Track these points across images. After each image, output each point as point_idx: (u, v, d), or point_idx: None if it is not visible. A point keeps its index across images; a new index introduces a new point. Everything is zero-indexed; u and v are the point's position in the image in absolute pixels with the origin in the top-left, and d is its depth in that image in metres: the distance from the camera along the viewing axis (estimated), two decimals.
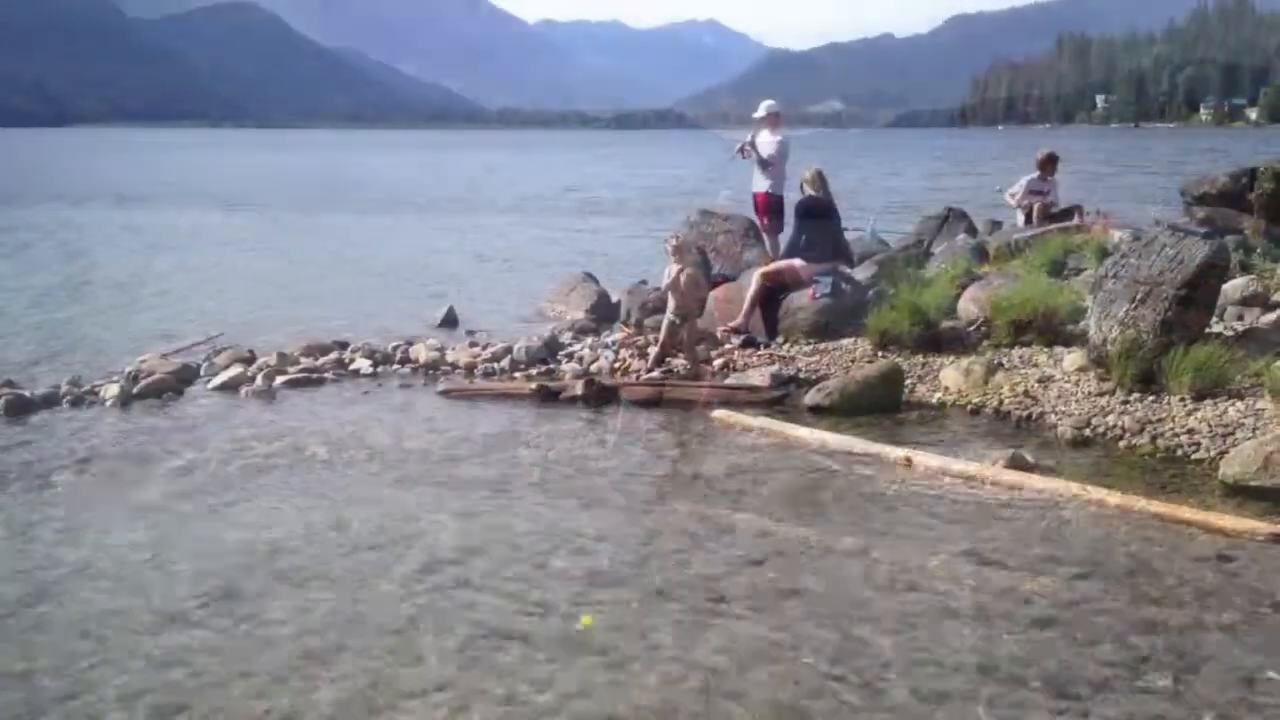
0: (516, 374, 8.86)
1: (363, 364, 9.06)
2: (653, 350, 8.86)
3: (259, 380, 8.49)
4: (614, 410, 7.68)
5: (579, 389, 8.00)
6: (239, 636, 4.31)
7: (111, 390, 8.13)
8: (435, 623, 4.40)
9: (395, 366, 9.13)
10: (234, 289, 14.26)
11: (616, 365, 8.93)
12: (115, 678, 4.01)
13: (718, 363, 8.89)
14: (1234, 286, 8.57)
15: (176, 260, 17.45)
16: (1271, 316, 8.03)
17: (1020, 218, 12.45)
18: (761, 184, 11.41)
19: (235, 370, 8.69)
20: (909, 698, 3.78)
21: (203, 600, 4.63)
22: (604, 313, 11.17)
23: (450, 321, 11.29)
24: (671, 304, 8.69)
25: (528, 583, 4.77)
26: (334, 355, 9.26)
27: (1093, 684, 3.85)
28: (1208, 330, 7.66)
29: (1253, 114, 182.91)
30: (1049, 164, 12.54)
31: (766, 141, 11.24)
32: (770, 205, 11.40)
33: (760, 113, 11.46)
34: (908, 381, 7.91)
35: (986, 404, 7.47)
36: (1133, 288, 7.39)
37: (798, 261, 9.62)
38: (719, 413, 7.49)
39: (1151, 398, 7.03)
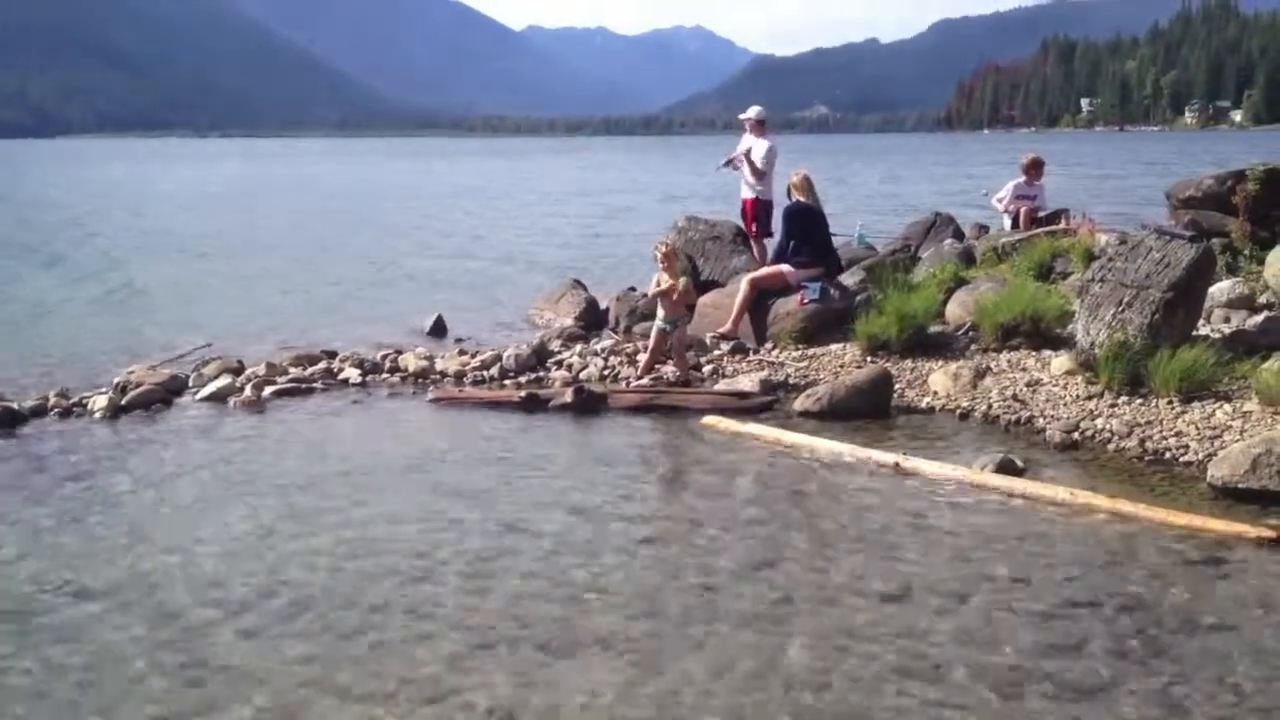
0: (506, 382, 8.84)
1: (352, 373, 9.04)
2: (642, 357, 8.86)
3: (248, 390, 8.47)
4: (603, 418, 7.68)
5: (568, 397, 7.99)
6: (235, 644, 4.29)
7: (100, 401, 8.09)
8: (427, 629, 4.39)
9: (384, 375, 9.10)
10: (223, 299, 14.19)
11: (606, 372, 8.92)
12: (112, 687, 3.99)
13: (707, 369, 8.89)
14: (1220, 289, 8.62)
15: (165, 270, 17.37)
16: (1258, 318, 8.07)
17: (1007, 222, 12.48)
18: (750, 190, 11.47)
19: (224, 381, 8.65)
20: (902, 703, 3.79)
21: (198, 611, 4.60)
22: (593, 320, 11.18)
23: (439, 330, 11.28)
24: (661, 311, 8.70)
25: (517, 591, 4.76)
26: (323, 365, 9.24)
27: (1084, 687, 3.86)
28: (1195, 333, 7.70)
29: (1237, 116, 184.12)
30: (1035, 168, 12.57)
31: (758, 149, 11.29)
32: (758, 211, 11.45)
33: (748, 115, 11.53)
34: (896, 386, 7.93)
35: (975, 408, 7.49)
36: (1120, 291, 7.43)
37: (786, 267, 9.64)
38: (709, 419, 7.49)
39: (1139, 401, 7.07)
